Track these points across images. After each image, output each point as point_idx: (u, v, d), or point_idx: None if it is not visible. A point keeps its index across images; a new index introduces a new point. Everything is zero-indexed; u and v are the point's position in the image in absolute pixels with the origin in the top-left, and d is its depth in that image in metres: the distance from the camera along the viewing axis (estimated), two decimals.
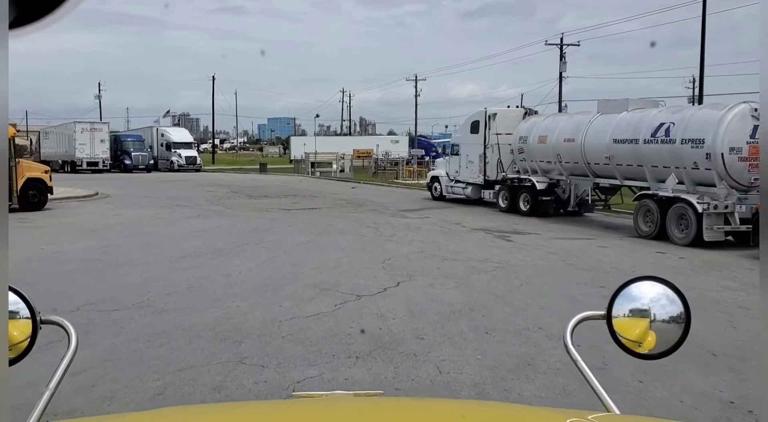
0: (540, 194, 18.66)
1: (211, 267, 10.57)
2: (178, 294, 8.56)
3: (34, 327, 1.39)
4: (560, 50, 37.91)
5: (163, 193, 26.07)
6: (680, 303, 1.49)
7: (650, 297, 1.51)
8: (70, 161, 43.33)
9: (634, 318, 1.51)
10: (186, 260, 11.13)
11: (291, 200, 23.83)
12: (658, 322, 1.50)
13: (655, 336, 1.49)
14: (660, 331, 1.49)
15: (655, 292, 1.51)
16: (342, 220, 17.47)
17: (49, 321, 1.46)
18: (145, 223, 16.48)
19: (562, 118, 18.38)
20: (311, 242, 13.40)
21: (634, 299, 1.52)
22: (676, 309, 1.49)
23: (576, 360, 1.53)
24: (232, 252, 12.02)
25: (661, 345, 1.50)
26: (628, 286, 1.53)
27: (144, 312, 7.54)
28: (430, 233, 15.19)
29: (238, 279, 9.58)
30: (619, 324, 1.52)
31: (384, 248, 12.79)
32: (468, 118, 22.29)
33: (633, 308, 1.52)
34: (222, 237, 14.06)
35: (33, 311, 1.39)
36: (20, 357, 1.38)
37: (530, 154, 19.18)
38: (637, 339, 1.51)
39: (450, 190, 22.92)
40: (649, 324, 1.50)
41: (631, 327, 1.51)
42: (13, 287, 1.33)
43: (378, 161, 46.80)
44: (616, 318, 1.52)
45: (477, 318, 7.55)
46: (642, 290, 1.52)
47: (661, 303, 1.50)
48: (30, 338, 1.39)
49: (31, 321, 1.39)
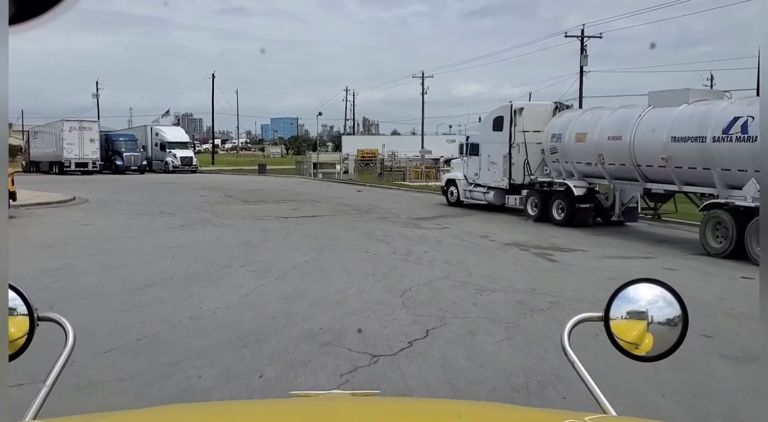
0: (577, 201, 16.09)
1: (177, 302, 8.07)
2: (120, 352, 6.05)
3: (32, 323, 1.40)
4: (581, 43, 35.24)
5: (149, 198, 23.58)
6: (678, 305, 1.48)
7: (648, 299, 1.50)
8: (57, 162, 40.86)
9: (631, 320, 1.50)
10: (149, 291, 8.63)
11: (290, 206, 21.32)
12: (656, 324, 1.48)
13: (653, 339, 1.48)
14: (657, 333, 1.48)
15: (653, 294, 1.50)
16: (347, 231, 14.97)
17: (47, 317, 1.48)
18: (117, 236, 14.00)
19: (605, 112, 15.80)
20: (310, 263, 10.89)
21: (631, 301, 1.50)
22: (674, 311, 1.47)
23: (573, 361, 1.53)
24: (209, 279, 9.53)
25: (658, 348, 1.48)
26: (626, 288, 1.52)
27: (60, 390, 5.01)
28: (454, 249, 12.66)
29: (210, 323, 7.08)
30: (617, 326, 1.50)
31: (400, 271, 10.28)
32: (489, 113, 19.72)
33: (630, 310, 1.50)
34: (203, 255, 11.57)
35: (30, 308, 1.41)
36: (18, 354, 1.38)
37: (565, 155, 16.61)
38: (634, 341, 1.50)
39: (469, 195, 20.34)
40: (647, 326, 1.48)
41: (629, 329, 1.50)
42: (11, 284, 1.29)
43: (384, 162, 44.25)
44: (613, 320, 1.51)
45: (551, 396, 5.04)
46: (639, 292, 1.51)
47: (658, 305, 1.49)
48: (27, 335, 1.40)
49: (29, 317, 1.40)
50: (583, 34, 35.21)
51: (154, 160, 45.94)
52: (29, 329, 1.39)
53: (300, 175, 42.28)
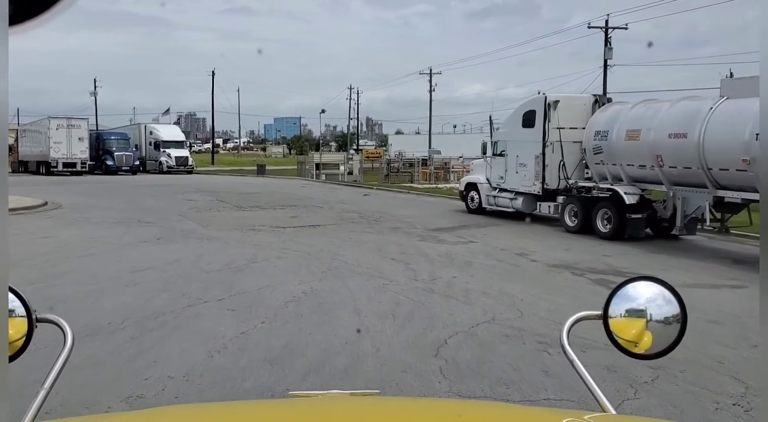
0: (628, 210, 13.57)
1: (117, 369, 5.60)
2: None
3: (30, 325, 1.37)
4: (605, 34, 32.60)
5: (132, 203, 21.12)
6: (676, 303, 1.45)
7: (647, 297, 1.47)
8: (45, 162, 38.43)
9: (630, 318, 1.48)
10: (83, 345, 6.10)
11: (288, 213, 18.83)
12: (655, 322, 1.46)
13: (652, 337, 1.46)
14: (656, 331, 1.45)
15: (652, 292, 1.47)
16: (355, 247, 12.50)
17: (45, 319, 1.45)
18: (76, 253, 11.55)
19: (663, 105, 13.27)
20: (309, 295, 8.42)
21: (630, 299, 1.48)
22: (673, 309, 1.45)
23: (572, 360, 1.51)
24: (172, 323, 7.07)
25: (657, 346, 1.46)
26: (625, 286, 1.49)
27: None
28: (489, 273, 10.18)
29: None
30: (616, 324, 1.48)
31: (428, 309, 7.80)
32: (518, 107, 17.19)
33: (629, 308, 1.48)
34: (173, 282, 9.11)
35: (28, 309, 1.38)
36: (16, 356, 1.35)
37: (612, 155, 14.10)
38: (633, 339, 1.47)
39: (492, 201, 17.79)
40: (646, 324, 1.46)
41: (628, 327, 1.48)
42: (9, 285, 1.22)
43: (390, 163, 41.75)
44: (612, 318, 1.48)
45: None
46: (638, 290, 1.48)
47: (657, 303, 1.46)
48: (26, 336, 1.36)
49: (27, 319, 1.37)
50: (607, 24, 32.62)
51: (148, 159, 43.46)
52: (27, 331, 1.36)
53: (301, 176, 39.78)
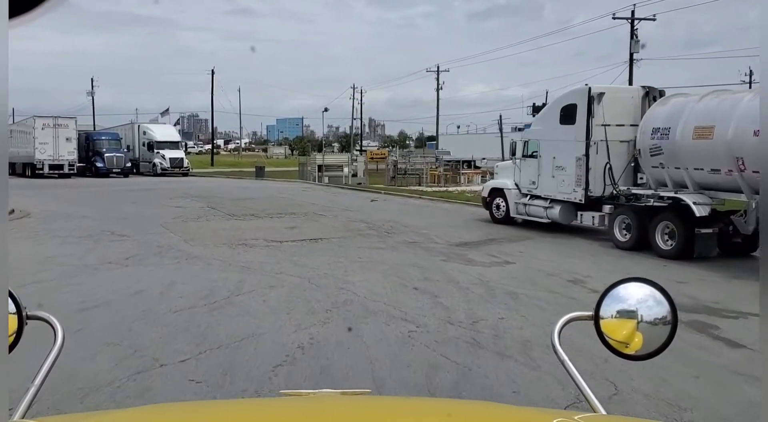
0: (697, 224, 11.17)
1: None
2: None
3: (20, 322, 1.36)
4: (631, 25, 30.19)
5: (111, 211, 18.75)
6: (667, 304, 1.45)
7: (637, 298, 1.47)
8: (30, 164, 36.12)
9: (621, 319, 1.48)
10: None
11: (286, 222, 16.45)
12: (645, 323, 1.46)
13: (642, 337, 1.46)
14: (647, 332, 1.46)
15: (643, 294, 1.47)
16: (366, 270, 10.15)
17: (35, 316, 1.44)
18: (15, 282, 9.17)
19: (742, 96, 10.87)
20: (308, 353, 6.05)
21: (621, 300, 1.48)
22: (663, 310, 1.45)
23: (563, 360, 1.51)
24: (104, 408, 4.69)
25: (648, 346, 1.46)
26: (616, 287, 1.49)
27: None
28: (545, 311, 7.79)
29: None
30: (607, 325, 1.48)
31: (480, 381, 5.44)
32: (555, 100, 14.80)
33: (620, 309, 1.48)
34: (126, 328, 6.76)
35: (19, 306, 1.36)
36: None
37: (674, 157, 11.70)
38: (624, 340, 1.47)
39: (522, 210, 15.37)
40: (636, 325, 1.46)
41: (619, 328, 1.48)
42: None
43: (397, 164, 39.34)
44: (603, 319, 1.48)
45: None
46: (629, 291, 1.48)
47: (648, 304, 1.46)
48: (16, 333, 1.35)
49: (17, 316, 1.35)
50: (633, 15, 30.17)
51: (142, 161, 41.07)
52: (17, 328, 1.36)
53: (303, 178, 37.40)
